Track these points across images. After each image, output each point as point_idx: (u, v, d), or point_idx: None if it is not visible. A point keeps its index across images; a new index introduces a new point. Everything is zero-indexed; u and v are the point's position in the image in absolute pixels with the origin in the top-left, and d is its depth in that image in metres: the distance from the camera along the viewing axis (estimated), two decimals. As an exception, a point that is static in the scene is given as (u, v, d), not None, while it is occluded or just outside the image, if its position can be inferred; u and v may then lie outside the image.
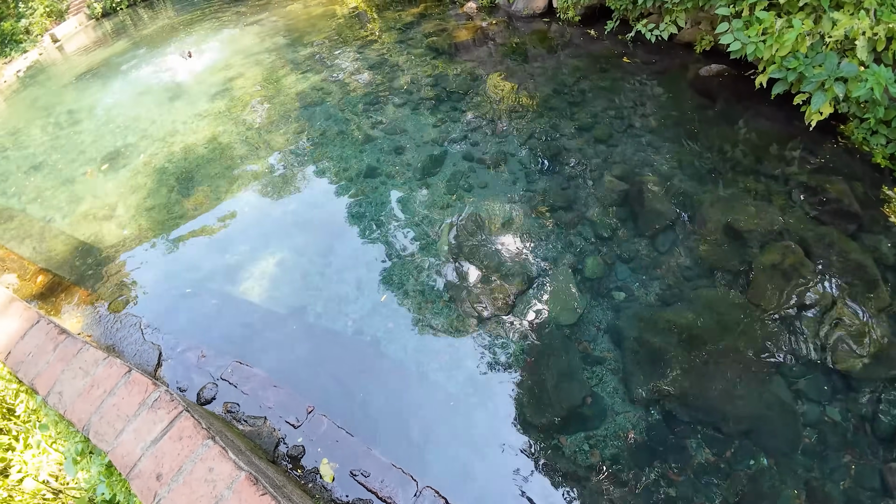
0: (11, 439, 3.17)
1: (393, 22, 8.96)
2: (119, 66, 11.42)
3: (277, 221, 4.93)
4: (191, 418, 1.99)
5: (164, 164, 6.29)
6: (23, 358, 2.76)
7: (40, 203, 6.48)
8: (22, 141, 9.28)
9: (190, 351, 3.63)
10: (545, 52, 6.94)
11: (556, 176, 4.70)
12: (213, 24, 12.23)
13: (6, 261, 5.44)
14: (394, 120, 6.02)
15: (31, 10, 18.93)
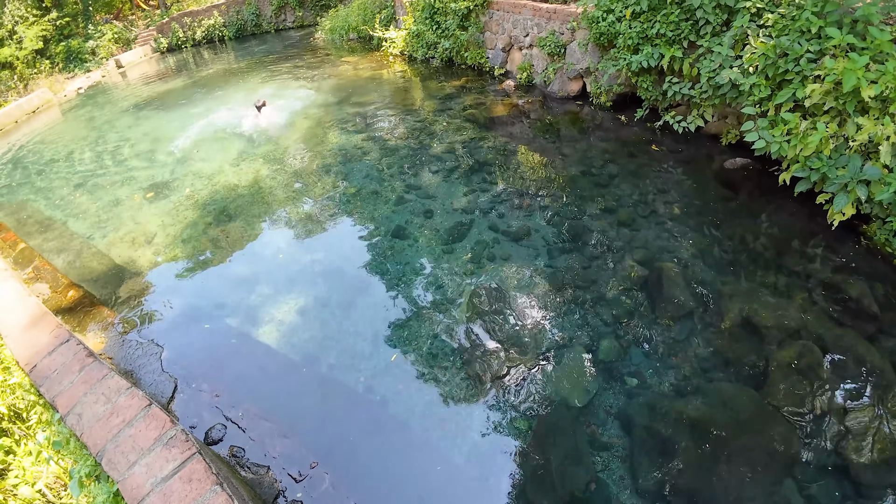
0: (13, 443, 3.22)
1: (435, 91, 9.53)
2: (177, 103, 12.23)
3: (304, 268, 5.12)
4: (202, 461, 2.05)
5: (206, 199, 6.64)
6: (47, 373, 2.88)
7: (82, 220, 6.84)
8: (74, 157, 9.92)
9: (204, 388, 3.72)
10: (576, 133, 7.25)
11: (578, 255, 4.81)
12: (268, 75, 13.13)
13: (41, 270, 5.71)
14: (426, 185, 6.30)
15: (101, 34, 20.66)
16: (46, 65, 19.32)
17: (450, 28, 10.36)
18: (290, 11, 20.34)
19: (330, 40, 15.74)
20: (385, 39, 12.71)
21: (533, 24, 8.53)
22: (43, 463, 3.07)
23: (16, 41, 18.43)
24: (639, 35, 6.43)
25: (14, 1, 19.01)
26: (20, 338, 3.21)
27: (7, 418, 3.35)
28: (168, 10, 23.64)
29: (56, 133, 12.53)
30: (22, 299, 3.61)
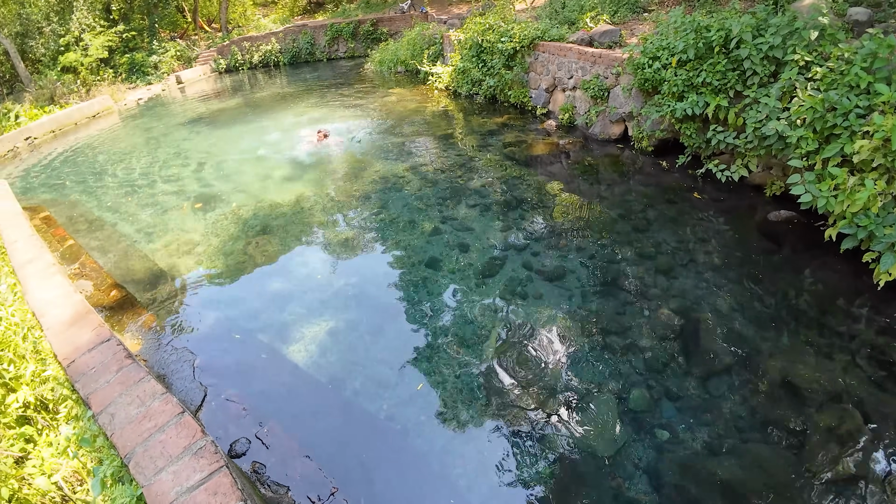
0: (35, 432, 3.30)
1: (477, 127, 9.72)
2: (230, 121, 12.81)
3: (337, 291, 5.19)
4: (229, 475, 2.07)
5: (249, 215, 6.87)
6: (84, 370, 2.96)
7: (131, 223, 7.16)
8: (129, 163, 10.44)
9: (232, 400, 3.77)
10: (616, 177, 7.24)
11: (612, 299, 4.74)
12: (317, 101, 13.65)
13: (86, 267, 5.97)
14: (463, 218, 6.36)
15: (164, 51, 21.99)
16: (110, 74, 20.60)
17: (495, 67, 10.61)
18: (342, 42, 21.27)
19: (378, 72, 16.34)
20: (431, 74, 13.10)
21: (578, 67, 8.66)
22: (63, 456, 3.13)
23: (82, 48, 19.73)
24: (684, 83, 6.44)
25: (82, 10, 20.43)
26: (62, 333, 3.34)
27: (33, 407, 3.45)
28: (229, 33, 25.07)
29: (113, 139, 13.27)
30: (67, 295, 3.77)
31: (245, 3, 30.68)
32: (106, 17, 21.74)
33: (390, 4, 24.03)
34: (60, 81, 19.18)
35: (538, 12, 12.02)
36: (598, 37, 8.73)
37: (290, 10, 30.25)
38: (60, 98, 18.71)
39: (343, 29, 20.90)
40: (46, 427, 3.39)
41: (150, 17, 23.34)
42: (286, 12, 29.78)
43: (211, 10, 29.93)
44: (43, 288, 3.88)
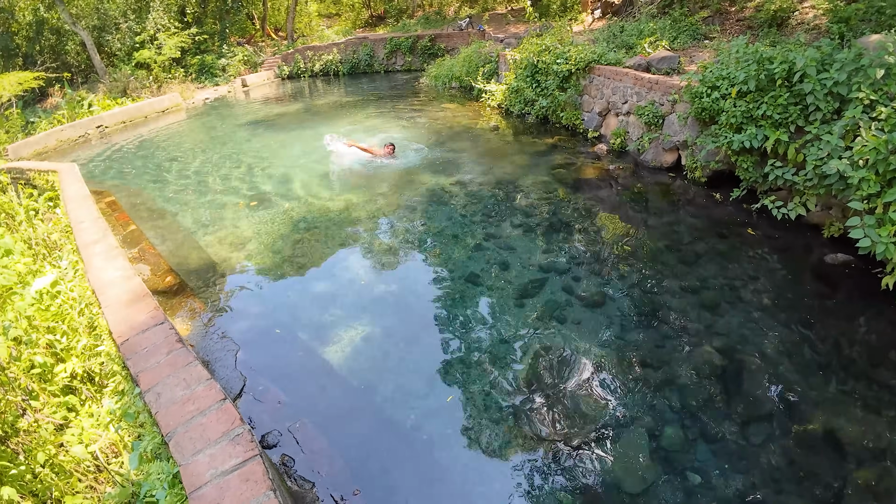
0: (77, 402, 3.48)
1: (527, 146, 9.74)
2: (289, 125, 13.33)
3: (376, 298, 5.29)
4: (262, 464, 2.14)
5: (299, 217, 7.12)
6: (137, 349, 3.12)
7: (190, 215, 7.54)
8: (193, 158, 11.01)
9: (269, 392, 3.89)
10: (665, 206, 7.09)
11: (653, 332, 4.62)
12: (373, 112, 14.03)
13: (146, 253, 6.33)
14: (506, 236, 6.37)
15: (233, 55, 23.19)
16: (180, 73, 21.86)
17: (549, 88, 10.64)
18: (400, 56, 21.83)
19: (433, 86, 16.67)
20: (485, 91, 13.25)
21: (633, 92, 8.58)
22: (103, 428, 3.29)
23: (156, 46, 21.01)
24: (743, 114, 6.27)
25: (158, 10, 21.82)
26: (119, 312, 3.53)
27: (79, 378, 3.66)
28: (294, 42, 26.17)
29: (179, 134, 14.04)
30: (127, 277, 3.99)
31: (311, 14, 32.02)
32: (180, 19, 23.16)
33: (449, 21, 24.53)
34: (134, 76, 20.49)
35: (595, 35, 12.01)
36: (656, 63, 8.63)
37: (352, 23, 31.35)
38: (133, 92, 19.97)
39: (402, 43, 21.46)
40: (89, 399, 3.58)
41: (222, 23, 24.71)
42: (349, 24, 30.87)
43: (279, 19, 31.39)
44: (105, 268, 4.14)
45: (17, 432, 3.16)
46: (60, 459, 3.03)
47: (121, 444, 3.15)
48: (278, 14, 31.64)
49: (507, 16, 23.40)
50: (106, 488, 3.01)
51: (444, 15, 27.13)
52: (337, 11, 35.20)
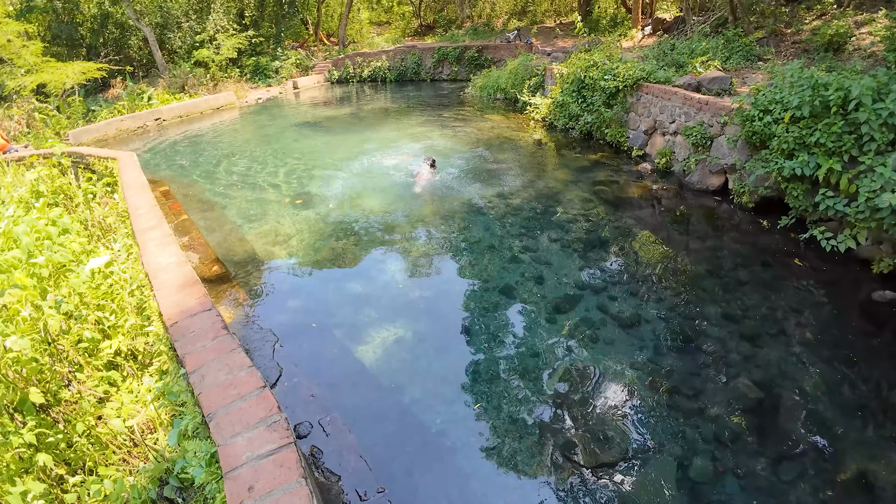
0: (119, 377, 3.65)
1: (569, 161, 9.70)
2: (336, 128, 13.69)
3: (410, 302, 5.37)
4: (295, 452, 2.22)
5: (341, 218, 7.32)
6: (184, 333, 3.26)
7: (237, 208, 7.85)
8: (244, 154, 11.44)
9: (303, 384, 4.02)
10: (709, 230, 6.93)
11: (688, 359, 4.52)
12: (417, 119, 14.25)
13: (195, 242, 6.64)
14: (543, 250, 6.36)
15: (286, 58, 24.04)
16: (236, 72, 22.79)
17: (595, 103, 10.58)
18: (447, 65, 22.09)
19: (478, 97, 16.80)
20: (530, 104, 13.27)
21: (681, 111, 8.44)
22: (141, 404, 3.44)
23: (214, 46, 21.98)
24: (795, 140, 6.08)
25: (219, 12, 22.83)
26: (170, 296, 3.70)
27: (123, 355, 3.85)
28: (345, 48, 26.88)
29: (232, 131, 14.60)
30: (179, 264, 4.18)
31: (362, 22, 32.85)
32: (239, 21, 24.19)
33: (497, 33, 24.69)
34: (192, 73, 21.48)
35: (645, 52, 11.87)
36: (707, 83, 8.47)
37: (401, 31, 31.96)
38: (190, 88, 20.92)
39: (449, 53, 21.72)
40: (131, 375, 3.76)
41: (278, 27, 25.64)
42: (398, 33, 31.48)
43: (331, 25, 32.32)
44: (159, 254, 4.35)
45: (59, 402, 3.36)
46: (98, 431, 3.19)
47: (157, 421, 3.29)
48: (331, 20, 32.60)
49: (556, 29, 23.38)
50: (139, 462, 3.16)
51: (493, 27, 27.33)
52: (387, 20, 36.00)
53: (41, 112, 17.62)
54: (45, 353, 3.48)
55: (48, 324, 3.51)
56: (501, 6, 30.35)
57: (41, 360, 3.40)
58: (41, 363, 3.39)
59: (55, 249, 4.16)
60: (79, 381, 3.55)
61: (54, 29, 21.53)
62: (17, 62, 17.02)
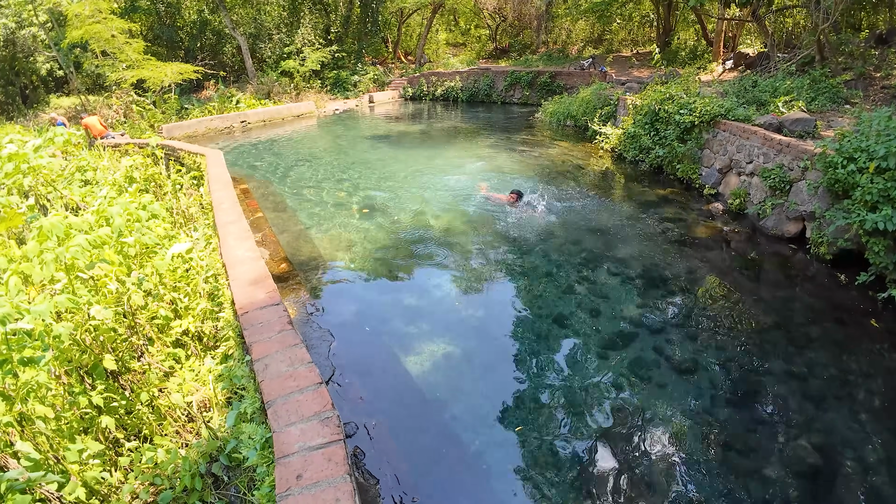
0: (183, 356, 3.91)
1: (636, 194, 9.51)
2: (407, 144, 14.14)
3: (462, 319, 5.45)
4: (343, 449, 2.35)
5: (403, 231, 7.57)
6: (253, 322, 3.49)
7: (308, 211, 8.29)
8: (318, 160, 12.05)
9: (353, 386, 4.18)
10: (781, 279, 6.58)
11: (745, 413, 4.30)
12: (485, 140, 14.46)
13: (267, 239, 7.07)
14: (601, 283, 6.26)
15: (365, 73, 25.17)
16: (317, 84, 24.09)
17: (668, 137, 10.35)
18: (518, 89, 22.30)
19: (547, 122, 16.83)
20: (600, 133, 13.16)
21: (760, 152, 8.11)
22: (201, 383, 3.68)
23: (300, 58, 23.34)
24: (880, 192, 5.70)
25: (307, 27, 24.28)
26: (243, 288, 3.98)
27: (190, 335, 4.14)
28: (421, 67, 27.78)
29: (309, 138, 15.41)
30: (254, 259, 4.48)
31: (439, 43, 33.86)
32: (324, 36, 25.65)
33: (571, 60, 24.69)
34: (278, 82, 22.92)
35: (725, 87, 11.50)
36: (789, 124, 8.10)
37: (476, 54, 32.64)
38: (275, 95, 22.30)
39: (522, 77, 21.94)
40: (194, 355, 4.04)
41: (360, 43, 26.93)
42: (473, 55, 32.18)
43: (409, 45, 33.52)
44: (236, 247, 4.69)
45: (128, 371, 3.66)
46: (159, 402, 3.45)
47: (213, 400, 3.51)
48: (410, 40, 33.82)
49: (632, 59, 23.08)
50: (190, 437, 3.39)
51: (567, 53, 27.38)
52: (464, 42, 36.90)
53: (138, 105, 19.34)
54: (123, 324, 3.77)
55: (132, 299, 3.81)
56: (577, 33, 30.37)
57: (119, 330, 3.71)
58: (118, 334, 3.69)
59: (143, 232, 4.53)
60: (150, 354, 3.84)
61: (156, 30, 23.67)
62: (120, 56, 18.71)
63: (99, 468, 2.93)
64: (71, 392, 3.15)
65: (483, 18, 34.01)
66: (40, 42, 21.12)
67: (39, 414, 2.76)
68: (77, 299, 3.19)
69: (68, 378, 3.24)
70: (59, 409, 3.03)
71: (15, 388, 2.70)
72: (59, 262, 3.39)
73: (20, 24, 20.06)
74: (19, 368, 2.65)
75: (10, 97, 22.36)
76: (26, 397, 2.75)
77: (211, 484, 2.99)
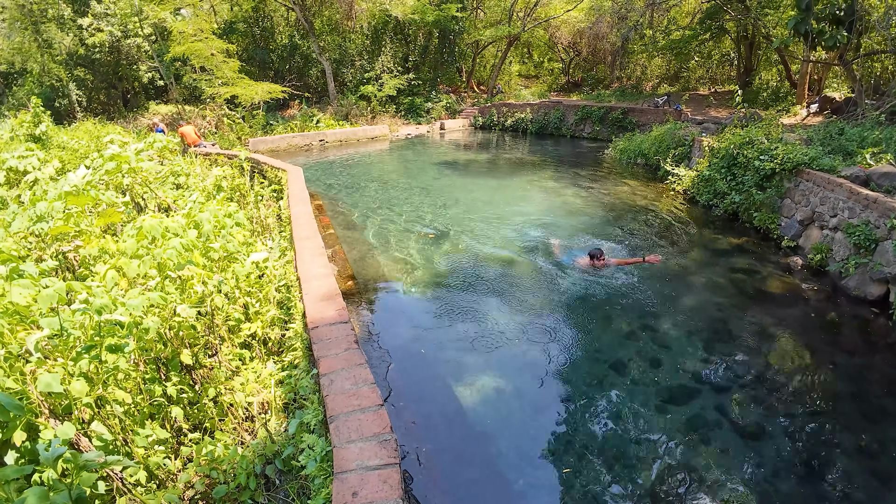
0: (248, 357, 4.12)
1: (707, 241, 9.17)
2: (474, 172, 14.42)
3: (516, 355, 5.46)
4: (399, 473, 2.44)
5: (467, 260, 7.72)
6: (322, 338, 3.67)
7: (375, 232, 8.64)
8: (388, 183, 12.50)
9: (407, 409, 4.29)
10: (861, 346, 6.10)
11: (810, 488, 4.00)
12: (552, 174, 14.48)
13: (336, 255, 7.41)
14: (664, 332, 6.05)
15: (438, 101, 26.01)
16: (392, 108, 25.15)
17: (746, 183, 9.93)
18: (589, 124, 22.19)
19: (617, 159, 16.61)
20: (672, 174, 12.83)
21: (845, 206, 7.63)
22: (262, 385, 3.88)
23: (378, 84, 24.46)
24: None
25: (387, 55, 25.50)
26: (315, 303, 4.20)
27: (257, 339, 4.38)
28: (493, 97, 28.31)
29: (381, 161, 16.05)
30: (326, 275, 4.72)
31: (511, 74, 34.40)
32: (402, 64, 26.81)
33: (645, 96, 24.34)
34: (356, 105, 24.13)
35: (810, 133, 10.92)
36: (878, 178, 7.58)
37: (548, 86, 32.85)
38: (352, 118, 23.46)
39: (593, 112, 21.84)
40: (258, 358, 4.28)
41: (435, 72, 27.92)
42: (544, 87, 32.41)
43: (482, 75, 34.29)
44: (311, 262, 4.97)
45: (201, 366, 3.93)
46: (223, 399, 3.67)
47: (273, 404, 3.70)
48: (483, 70, 34.60)
49: (710, 98, 22.42)
50: (247, 435, 3.58)
51: (641, 90, 26.99)
52: (536, 74, 37.26)
53: (229, 118, 20.95)
54: (201, 322, 4.05)
55: (214, 301, 4.11)
56: (653, 70, 29.89)
57: (198, 328, 4.00)
58: (197, 331, 3.99)
59: (228, 239, 4.88)
60: (221, 353, 4.11)
61: (250, 51, 25.68)
62: (217, 73, 20.42)
63: (162, 454, 3.15)
64: (146, 380, 3.41)
65: (557, 52, 34.28)
66: (143, 52, 23.45)
67: (117, 398, 2.99)
68: (167, 297, 3.50)
69: (146, 367, 3.51)
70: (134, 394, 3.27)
71: (97, 373, 2.95)
72: (153, 260, 3.75)
73: (125, 33, 22.36)
74: (105, 354, 2.90)
75: (112, 99, 24.82)
76: (106, 381, 3.00)
77: (263, 485, 3.14)
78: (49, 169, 7.31)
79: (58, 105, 22.11)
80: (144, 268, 3.83)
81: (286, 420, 3.57)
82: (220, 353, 4.12)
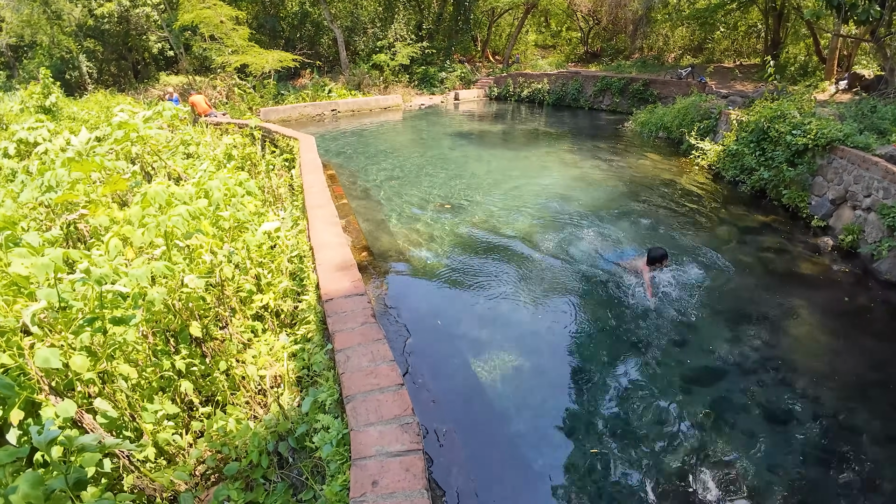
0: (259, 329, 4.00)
1: (734, 218, 8.82)
2: (489, 144, 14.04)
3: (536, 333, 5.27)
4: (422, 460, 2.27)
5: (484, 232, 7.47)
6: (337, 311, 3.48)
7: (390, 203, 8.42)
8: (401, 153, 12.22)
9: (426, 387, 4.15)
10: (891, 330, 5.82)
11: (834, 476, 3.79)
12: (571, 146, 14.05)
13: (350, 226, 7.23)
14: (688, 312, 5.80)
15: (452, 70, 25.38)
16: (405, 78, 24.57)
17: (776, 159, 9.49)
18: (608, 96, 21.48)
19: (637, 132, 16.06)
20: (696, 149, 12.37)
21: (880, 186, 7.25)
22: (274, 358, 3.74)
23: (391, 53, 23.87)
24: None
25: (400, 23, 24.80)
26: (329, 273, 4.01)
27: (269, 311, 4.23)
28: (509, 67, 27.52)
29: (394, 131, 15.70)
30: (340, 245, 4.53)
31: (528, 44, 33.38)
32: (416, 32, 26.07)
33: (667, 68, 23.49)
34: (368, 74, 23.57)
35: (841, 110, 10.40)
36: (910, 158, 7.20)
37: (566, 56, 31.86)
38: (365, 87, 22.94)
39: (613, 83, 21.12)
40: (270, 330, 4.14)
41: (450, 41, 27.12)
42: (562, 58, 31.43)
43: (498, 44, 33.32)
44: (323, 232, 4.78)
45: (211, 339, 3.79)
46: (235, 372, 3.54)
47: (286, 377, 3.55)
48: (499, 40, 33.59)
49: (735, 71, 21.53)
50: (259, 409, 3.45)
51: (663, 61, 26.04)
52: (554, 43, 36.11)
53: (240, 87, 20.58)
54: (211, 293, 3.91)
55: (223, 271, 3.94)
56: (676, 40, 28.77)
57: (207, 299, 3.85)
58: (206, 303, 3.84)
59: (238, 208, 4.69)
60: (232, 325, 3.97)
61: (260, 19, 25.10)
62: (227, 42, 19.98)
63: (172, 430, 3.03)
64: (155, 353, 3.28)
65: (575, 21, 33.10)
66: (153, 22, 23.00)
67: (122, 372, 2.85)
68: (173, 267, 3.33)
69: (154, 339, 3.38)
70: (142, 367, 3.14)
71: (102, 346, 2.81)
72: (159, 229, 3.57)
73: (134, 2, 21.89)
74: (109, 327, 2.75)
75: (122, 70, 24.55)
76: (112, 355, 2.86)
77: (276, 462, 3.01)
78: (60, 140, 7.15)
79: (68, 77, 21.87)
80: (150, 236, 3.64)
81: (299, 395, 3.43)
82: (231, 324, 3.98)
